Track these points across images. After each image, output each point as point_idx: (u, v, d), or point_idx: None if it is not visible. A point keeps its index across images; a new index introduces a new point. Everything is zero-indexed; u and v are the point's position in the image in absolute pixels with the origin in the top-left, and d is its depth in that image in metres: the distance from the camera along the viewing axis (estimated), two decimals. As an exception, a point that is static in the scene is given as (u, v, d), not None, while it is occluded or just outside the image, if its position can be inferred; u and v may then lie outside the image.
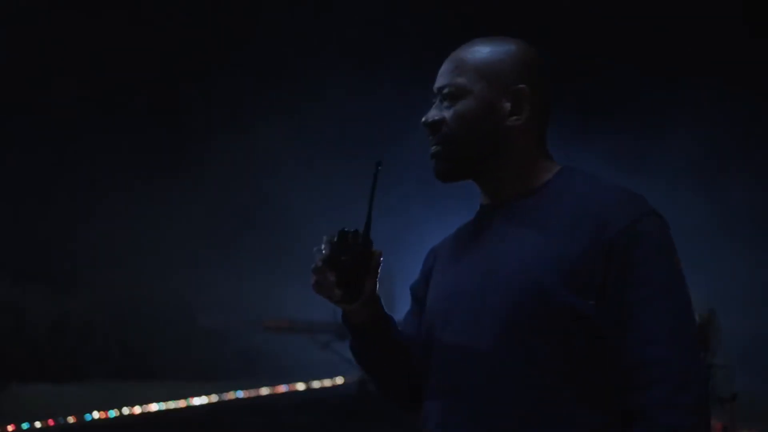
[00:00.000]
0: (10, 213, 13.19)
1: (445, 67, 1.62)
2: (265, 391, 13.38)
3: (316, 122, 12.77)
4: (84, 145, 13.27)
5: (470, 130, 1.56)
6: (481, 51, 1.59)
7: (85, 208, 13.87)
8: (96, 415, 10.43)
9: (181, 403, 11.84)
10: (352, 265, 1.52)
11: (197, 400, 12.11)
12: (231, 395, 12.83)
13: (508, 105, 1.56)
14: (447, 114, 1.57)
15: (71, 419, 10.05)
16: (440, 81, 1.60)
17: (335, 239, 1.52)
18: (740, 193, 11.59)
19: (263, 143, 12.99)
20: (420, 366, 1.63)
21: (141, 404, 11.14)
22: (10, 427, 9.16)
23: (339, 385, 13.68)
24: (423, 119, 1.60)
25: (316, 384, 13.95)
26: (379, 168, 1.55)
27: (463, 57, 1.60)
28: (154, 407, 11.30)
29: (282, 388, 13.58)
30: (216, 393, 12.51)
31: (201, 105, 13.04)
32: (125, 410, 10.88)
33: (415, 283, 1.75)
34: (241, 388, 13.06)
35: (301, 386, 13.83)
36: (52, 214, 13.77)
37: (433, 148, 1.59)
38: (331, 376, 13.91)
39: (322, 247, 1.51)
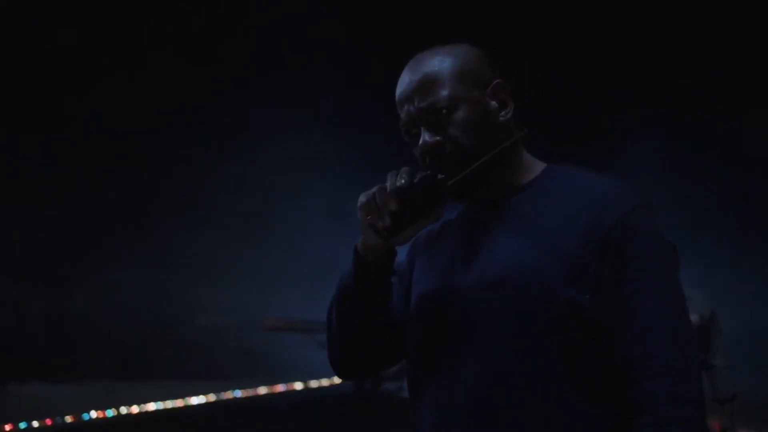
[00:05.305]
0: (10, 213, 13.18)
1: (412, 89, 1.54)
2: (263, 390, 13.38)
3: (317, 133, 12.82)
4: (83, 146, 13.27)
5: (476, 137, 1.51)
6: (445, 60, 1.54)
7: (85, 208, 13.87)
8: (94, 414, 10.42)
9: (179, 403, 11.84)
10: (420, 206, 1.47)
11: (195, 400, 12.11)
12: (229, 395, 12.83)
13: (494, 103, 1.54)
14: (447, 131, 1.51)
15: (69, 419, 10.05)
16: (418, 103, 1.53)
17: (426, 175, 1.47)
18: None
19: (265, 149, 13.02)
20: (389, 342, 1.62)
21: (139, 404, 11.14)
22: (7, 427, 9.15)
23: (337, 385, 13.66)
24: (421, 144, 1.52)
25: (314, 384, 13.94)
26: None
27: (429, 72, 1.53)
28: (152, 407, 11.30)
29: (280, 388, 13.58)
30: (214, 392, 12.50)
31: (206, 115, 13.10)
32: (123, 410, 10.87)
33: (396, 263, 1.68)
34: (240, 388, 13.06)
35: (299, 386, 13.82)
36: (51, 213, 13.77)
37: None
38: (330, 375, 13.89)
39: (400, 175, 1.46)
